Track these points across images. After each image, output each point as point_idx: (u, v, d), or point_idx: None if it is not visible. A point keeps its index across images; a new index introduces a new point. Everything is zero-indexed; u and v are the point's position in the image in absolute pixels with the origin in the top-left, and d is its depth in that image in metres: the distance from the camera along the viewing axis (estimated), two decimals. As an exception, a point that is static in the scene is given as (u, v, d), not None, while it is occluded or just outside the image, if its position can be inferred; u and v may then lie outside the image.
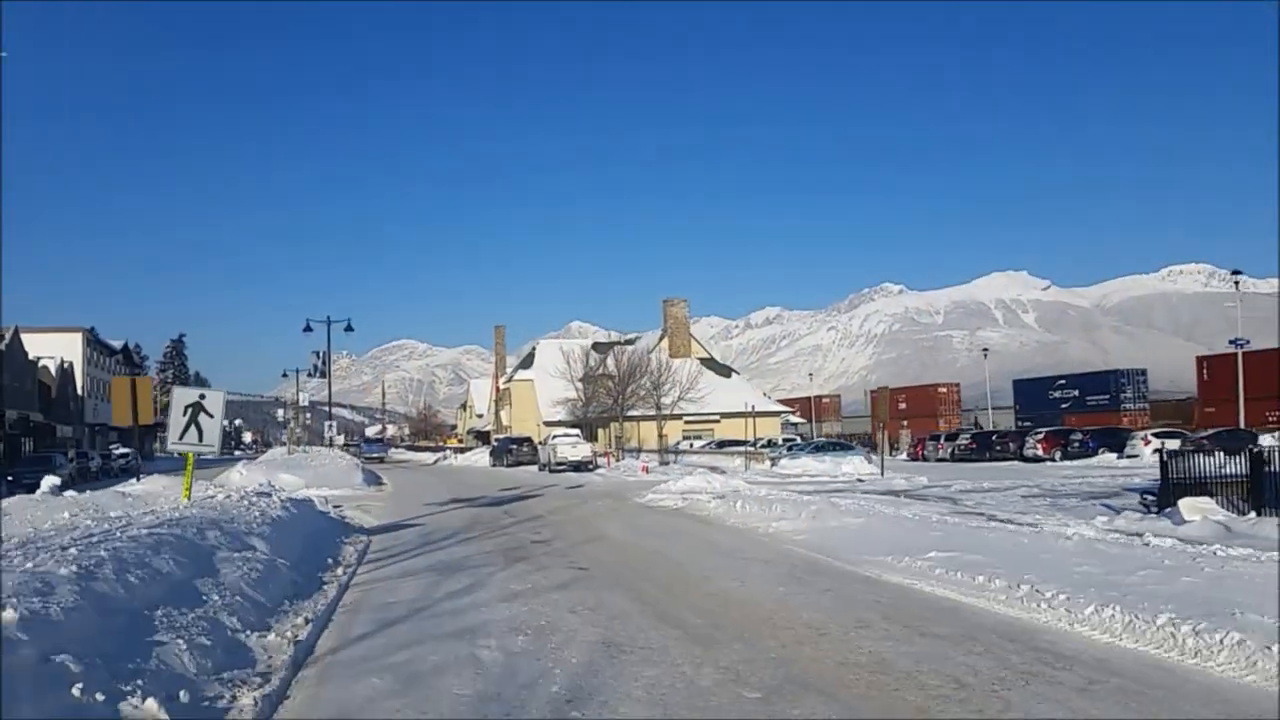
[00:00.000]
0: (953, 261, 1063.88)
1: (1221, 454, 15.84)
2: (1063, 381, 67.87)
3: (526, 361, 69.74)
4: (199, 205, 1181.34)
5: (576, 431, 43.18)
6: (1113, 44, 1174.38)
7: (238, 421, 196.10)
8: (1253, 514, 13.94)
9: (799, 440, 48.23)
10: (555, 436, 40.99)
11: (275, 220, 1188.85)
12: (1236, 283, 54.61)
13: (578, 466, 38.55)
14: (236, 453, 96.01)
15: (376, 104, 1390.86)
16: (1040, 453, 43.68)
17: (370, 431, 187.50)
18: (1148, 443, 40.57)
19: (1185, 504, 13.94)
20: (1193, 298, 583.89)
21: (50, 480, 18.20)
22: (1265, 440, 23.77)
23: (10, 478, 31.38)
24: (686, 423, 53.80)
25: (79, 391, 73.20)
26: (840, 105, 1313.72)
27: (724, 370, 62.73)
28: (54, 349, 68.93)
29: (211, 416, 11.47)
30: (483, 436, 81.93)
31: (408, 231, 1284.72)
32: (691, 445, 50.95)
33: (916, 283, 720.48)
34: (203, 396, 11.76)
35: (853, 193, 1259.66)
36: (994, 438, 47.86)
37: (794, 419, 72.74)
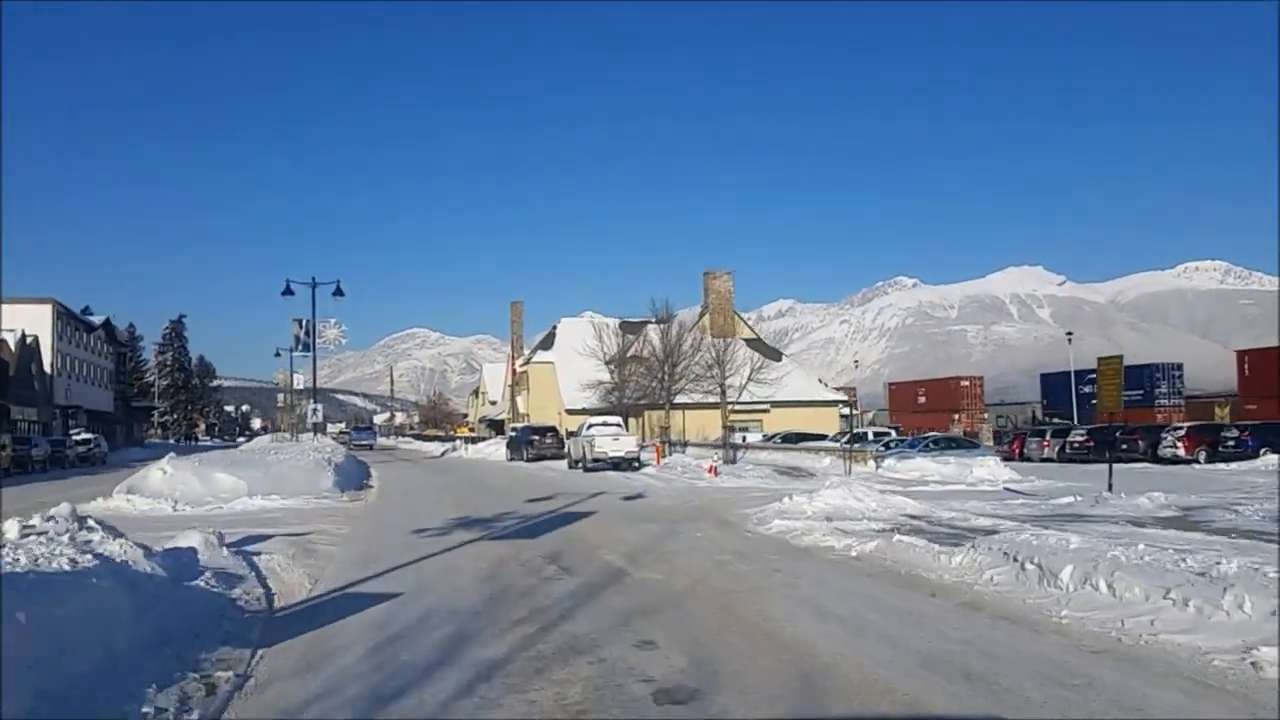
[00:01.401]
0: (967, 256, 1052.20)
1: None
2: (1093, 376, 62.11)
3: (547, 341, 61.48)
4: (206, 192, 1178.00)
5: (618, 421, 35.00)
6: (1115, 44, 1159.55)
7: (244, 407, 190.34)
8: None
9: (893, 435, 39.64)
10: (592, 426, 32.78)
11: (285, 208, 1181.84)
12: None
13: (618, 464, 30.85)
14: (239, 440, 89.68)
15: (387, 96, 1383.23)
16: (1182, 453, 36.30)
17: (379, 420, 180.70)
18: (1333, 441, 33.69)
19: None
20: (1208, 294, 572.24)
21: None
22: None
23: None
24: (733, 412, 45.64)
25: (46, 369, 65.47)
26: (854, 100, 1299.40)
27: (774, 353, 54.40)
28: (17, 321, 61.02)
29: None
30: (496, 425, 74.62)
31: (419, 220, 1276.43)
32: (744, 438, 42.72)
33: (930, 277, 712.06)
34: None
35: (867, 186, 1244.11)
36: (1118, 434, 39.33)
37: (844, 411, 64.47)
